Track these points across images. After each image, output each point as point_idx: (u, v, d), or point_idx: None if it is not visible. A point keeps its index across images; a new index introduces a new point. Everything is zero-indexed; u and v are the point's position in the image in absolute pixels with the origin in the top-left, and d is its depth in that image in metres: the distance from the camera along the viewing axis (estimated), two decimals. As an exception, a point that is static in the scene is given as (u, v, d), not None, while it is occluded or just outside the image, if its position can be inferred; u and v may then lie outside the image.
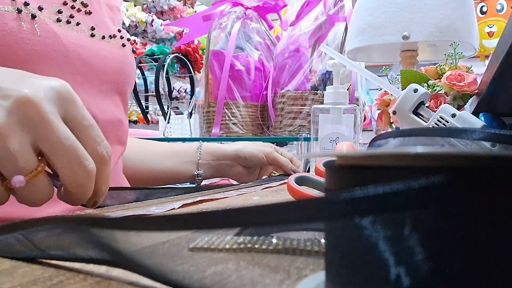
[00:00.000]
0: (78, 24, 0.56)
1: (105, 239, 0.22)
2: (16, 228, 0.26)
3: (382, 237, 0.15)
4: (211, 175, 0.88)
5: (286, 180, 0.48)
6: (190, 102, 1.78)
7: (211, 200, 0.53)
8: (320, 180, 0.43)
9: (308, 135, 1.17)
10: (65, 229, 0.24)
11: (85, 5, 0.59)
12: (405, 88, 0.57)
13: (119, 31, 0.65)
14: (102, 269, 0.24)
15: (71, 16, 0.55)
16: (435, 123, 0.54)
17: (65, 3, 0.55)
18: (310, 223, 0.29)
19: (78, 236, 0.24)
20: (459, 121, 0.53)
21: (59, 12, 0.54)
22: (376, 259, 0.15)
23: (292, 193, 0.42)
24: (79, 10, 0.58)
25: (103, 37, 0.61)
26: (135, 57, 0.82)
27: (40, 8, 0.51)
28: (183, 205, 0.48)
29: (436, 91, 0.68)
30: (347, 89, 0.84)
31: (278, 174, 0.92)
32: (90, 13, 0.59)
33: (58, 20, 0.53)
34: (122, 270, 0.24)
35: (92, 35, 0.59)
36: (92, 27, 0.59)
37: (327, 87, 0.73)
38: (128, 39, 0.68)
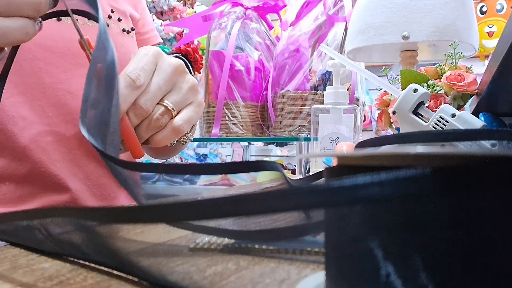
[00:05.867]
0: None
1: (107, 240, 0.22)
2: (29, 216, 0.26)
3: (380, 240, 0.15)
4: None
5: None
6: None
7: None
8: None
9: (308, 135, 1.17)
10: (73, 225, 0.24)
11: None
12: (405, 88, 0.57)
13: (112, 11, 0.64)
14: (102, 269, 0.24)
15: None
16: (435, 123, 0.54)
17: None
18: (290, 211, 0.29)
19: (84, 237, 0.24)
20: (459, 121, 0.53)
21: None
22: (374, 260, 0.15)
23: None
24: None
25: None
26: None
27: None
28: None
29: (436, 91, 0.68)
30: (347, 89, 0.84)
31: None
32: None
33: None
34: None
35: (59, 19, 0.57)
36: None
37: (327, 87, 0.73)
38: (119, 19, 0.65)
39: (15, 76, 0.53)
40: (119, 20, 0.65)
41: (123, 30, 0.65)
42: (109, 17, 0.63)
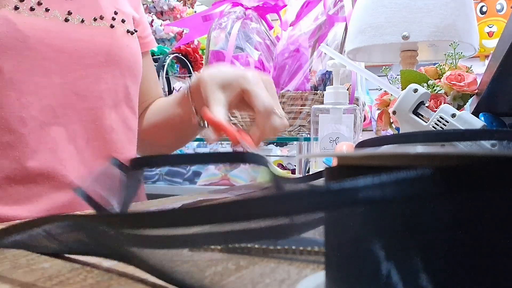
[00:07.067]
0: (47, 10, 0.56)
1: (109, 237, 0.22)
2: (35, 225, 0.26)
3: (381, 241, 0.15)
4: None
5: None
6: (190, 102, 1.77)
7: (211, 200, 0.53)
8: None
9: (308, 135, 1.16)
10: (77, 227, 0.24)
11: None
12: (405, 88, 0.57)
13: (116, 13, 0.64)
14: (102, 269, 0.24)
15: (39, 4, 0.55)
16: (435, 123, 0.54)
17: None
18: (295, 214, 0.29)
19: (88, 232, 0.24)
20: (459, 121, 0.53)
21: (21, 0, 0.53)
22: (374, 261, 0.15)
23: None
24: None
25: (82, 21, 0.59)
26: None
27: None
28: (183, 206, 0.48)
29: (436, 91, 0.68)
30: (347, 89, 0.84)
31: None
32: None
33: (16, 8, 0.53)
34: (122, 270, 0.24)
35: (66, 20, 0.57)
36: (68, 11, 0.58)
37: (327, 87, 0.73)
38: (123, 20, 0.66)
39: (24, 76, 0.53)
40: (123, 21, 0.65)
41: (127, 31, 0.65)
42: (113, 18, 0.63)
